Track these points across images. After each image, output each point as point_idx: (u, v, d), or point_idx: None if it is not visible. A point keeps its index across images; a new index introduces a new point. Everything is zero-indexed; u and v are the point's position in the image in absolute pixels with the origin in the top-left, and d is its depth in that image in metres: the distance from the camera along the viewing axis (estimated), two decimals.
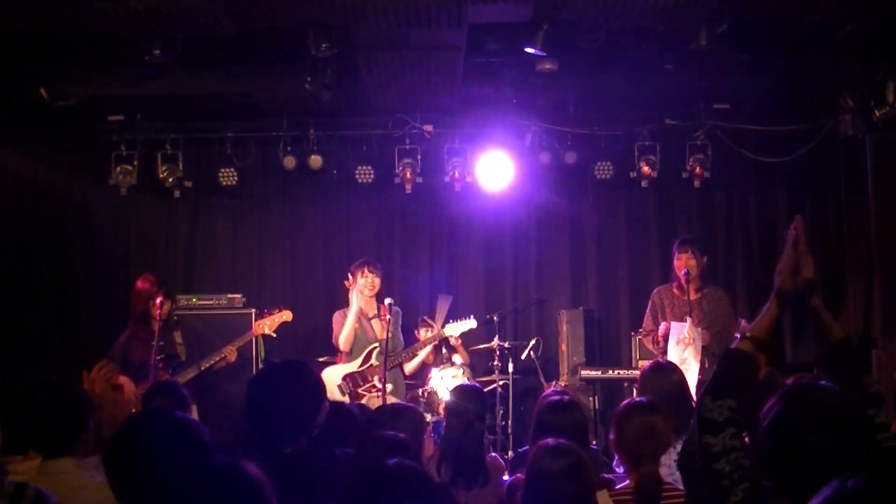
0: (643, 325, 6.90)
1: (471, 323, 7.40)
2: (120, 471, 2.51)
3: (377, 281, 7.08)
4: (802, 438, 2.06)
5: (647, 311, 6.83)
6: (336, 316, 7.20)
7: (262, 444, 2.92)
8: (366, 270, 7.04)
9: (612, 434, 3.61)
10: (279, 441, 2.95)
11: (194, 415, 5.64)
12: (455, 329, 7.36)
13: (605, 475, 3.86)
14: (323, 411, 3.10)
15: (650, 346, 6.70)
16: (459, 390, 4.75)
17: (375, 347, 7.03)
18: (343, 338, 7.00)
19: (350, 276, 7.16)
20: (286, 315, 7.10)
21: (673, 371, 4.53)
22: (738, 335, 2.48)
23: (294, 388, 3.02)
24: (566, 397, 4.00)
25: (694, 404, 4.73)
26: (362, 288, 7.04)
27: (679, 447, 4.08)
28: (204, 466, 2.02)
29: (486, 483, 4.10)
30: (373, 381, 7.00)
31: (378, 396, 6.79)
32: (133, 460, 2.48)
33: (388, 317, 6.87)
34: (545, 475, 2.93)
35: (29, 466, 3.08)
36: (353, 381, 7.03)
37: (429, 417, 5.83)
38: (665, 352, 6.44)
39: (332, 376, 6.99)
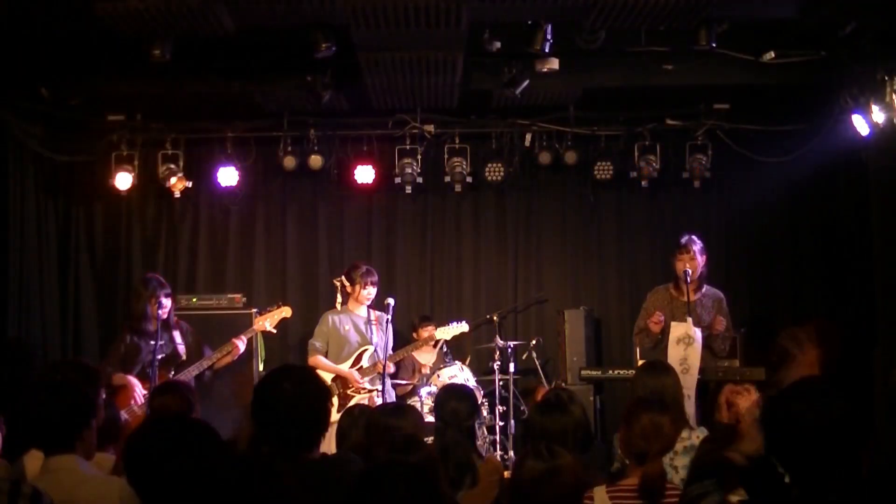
0: (636, 325, 6.86)
1: (462, 327, 7.41)
2: (139, 472, 2.53)
3: (375, 290, 7.12)
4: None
5: (641, 311, 6.80)
6: (327, 317, 7.18)
7: (282, 452, 2.92)
8: (369, 282, 7.05)
9: (619, 430, 3.63)
10: (299, 447, 2.95)
11: (198, 414, 5.63)
12: (447, 333, 7.35)
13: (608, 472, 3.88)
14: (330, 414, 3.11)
15: (646, 343, 6.66)
16: (448, 390, 4.75)
17: (366, 350, 7.04)
18: (319, 367, 6.97)
19: (346, 280, 7.13)
20: (286, 311, 7.09)
21: (666, 372, 4.54)
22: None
23: (306, 392, 3.02)
24: (556, 397, 4.00)
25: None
26: (364, 297, 7.06)
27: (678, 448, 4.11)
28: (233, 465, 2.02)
29: (474, 484, 4.08)
30: (362, 382, 7.01)
31: (366, 399, 6.84)
32: (150, 462, 2.49)
33: (388, 317, 6.88)
34: (524, 478, 2.97)
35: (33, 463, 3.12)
36: (342, 383, 7.04)
37: (430, 418, 5.83)
38: (655, 344, 6.44)
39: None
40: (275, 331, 7.12)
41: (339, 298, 7.20)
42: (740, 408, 4.15)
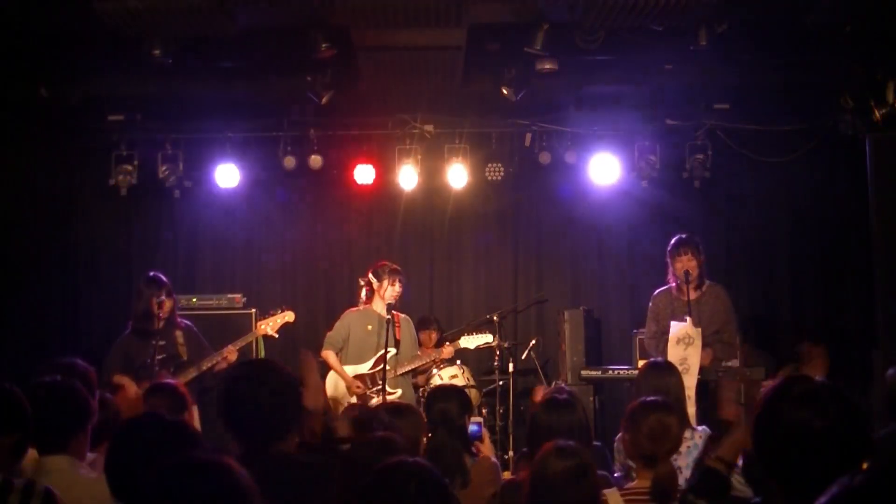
0: (646, 329, 6.84)
1: (487, 338, 7.35)
2: (117, 473, 2.55)
3: (401, 288, 7.04)
4: (790, 417, 2.09)
5: (648, 315, 6.78)
6: (347, 315, 7.08)
7: (249, 446, 2.92)
8: (397, 281, 6.95)
9: (623, 432, 3.60)
10: (266, 440, 2.95)
11: (194, 415, 5.61)
12: (471, 342, 7.33)
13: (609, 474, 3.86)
14: (300, 408, 3.12)
15: (654, 353, 6.63)
16: (436, 391, 4.74)
17: (389, 351, 6.99)
18: (328, 363, 6.98)
19: (373, 278, 7.00)
20: (289, 316, 7.03)
21: (670, 372, 4.53)
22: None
23: (271, 386, 3.02)
24: (563, 396, 4.00)
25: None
26: (390, 296, 6.95)
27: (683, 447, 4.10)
28: (185, 464, 1.99)
29: (465, 485, 4.06)
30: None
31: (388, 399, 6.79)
32: (127, 463, 2.51)
33: (388, 317, 6.84)
34: (550, 477, 2.92)
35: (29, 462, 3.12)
36: (363, 383, 7.01)
37: None
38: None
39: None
40: (276, 335, 7.08)
41: (363, 297, 7.11)
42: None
